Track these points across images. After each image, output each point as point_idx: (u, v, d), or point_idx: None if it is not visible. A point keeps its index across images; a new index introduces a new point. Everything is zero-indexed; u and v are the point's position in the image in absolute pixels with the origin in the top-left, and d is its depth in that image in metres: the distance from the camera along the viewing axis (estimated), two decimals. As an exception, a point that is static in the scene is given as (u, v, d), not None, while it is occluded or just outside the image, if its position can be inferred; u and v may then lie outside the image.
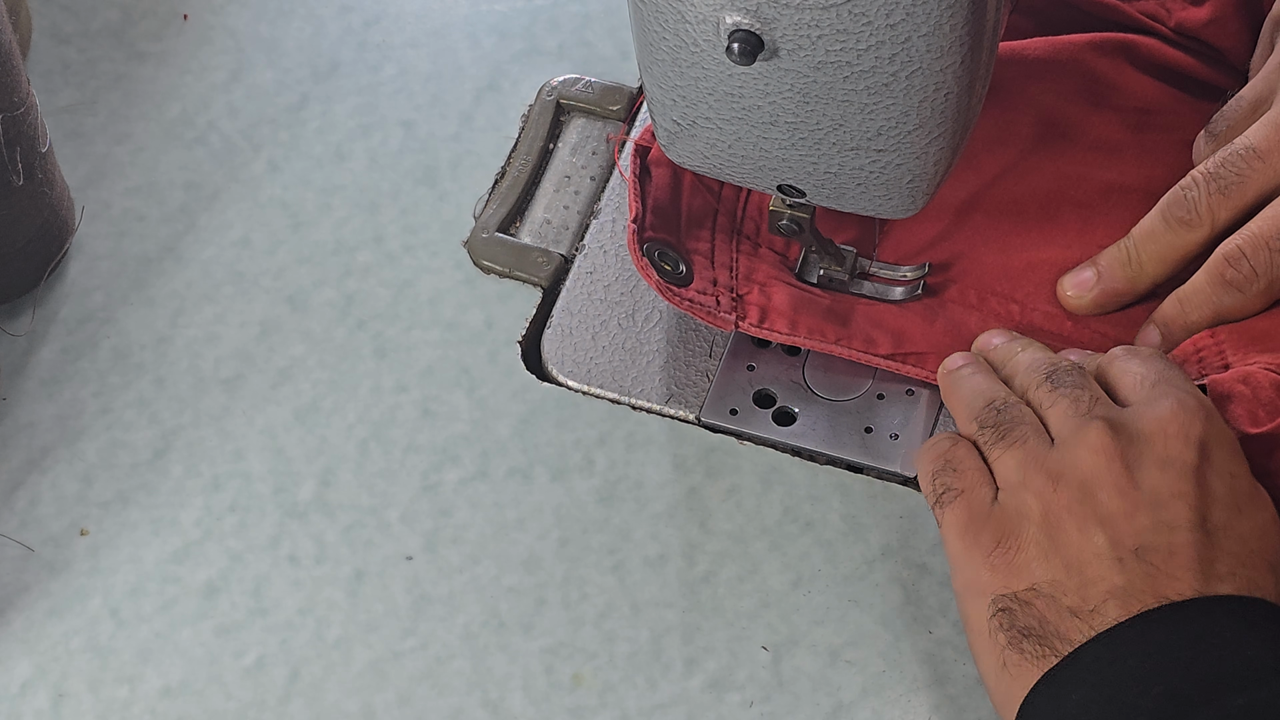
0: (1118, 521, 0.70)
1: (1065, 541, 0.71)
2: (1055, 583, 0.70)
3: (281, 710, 0.77)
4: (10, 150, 0.81)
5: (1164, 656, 0.68)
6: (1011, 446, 0.74)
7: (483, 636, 0.79)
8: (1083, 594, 0.70)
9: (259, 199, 0.92)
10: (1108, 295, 0.84)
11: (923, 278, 0.86)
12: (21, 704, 0.77)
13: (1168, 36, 0.90)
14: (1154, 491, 0.71)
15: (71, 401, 0.85)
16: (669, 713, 0.77)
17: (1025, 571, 0.71)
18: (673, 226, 0.86)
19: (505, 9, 0.99)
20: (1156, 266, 0.83)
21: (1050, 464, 0.73)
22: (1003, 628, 0.71)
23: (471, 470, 0.83)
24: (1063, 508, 0.71)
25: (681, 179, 0.87)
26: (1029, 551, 0.71)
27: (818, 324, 0.84)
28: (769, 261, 0.87)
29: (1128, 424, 0.73)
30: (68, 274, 0.89)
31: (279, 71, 0.96)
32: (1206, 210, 0.81)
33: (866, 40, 0.69)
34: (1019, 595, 0.71)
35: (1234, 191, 0.80)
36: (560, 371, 0.86)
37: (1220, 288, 0.80)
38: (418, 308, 0.88)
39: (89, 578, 0.80)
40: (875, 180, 0.76)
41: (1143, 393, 0.74)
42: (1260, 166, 0.80)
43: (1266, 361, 0.79)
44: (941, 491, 0.75)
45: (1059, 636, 0.69)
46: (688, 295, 0.84)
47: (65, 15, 0.98)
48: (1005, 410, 0.76)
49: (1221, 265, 0.80)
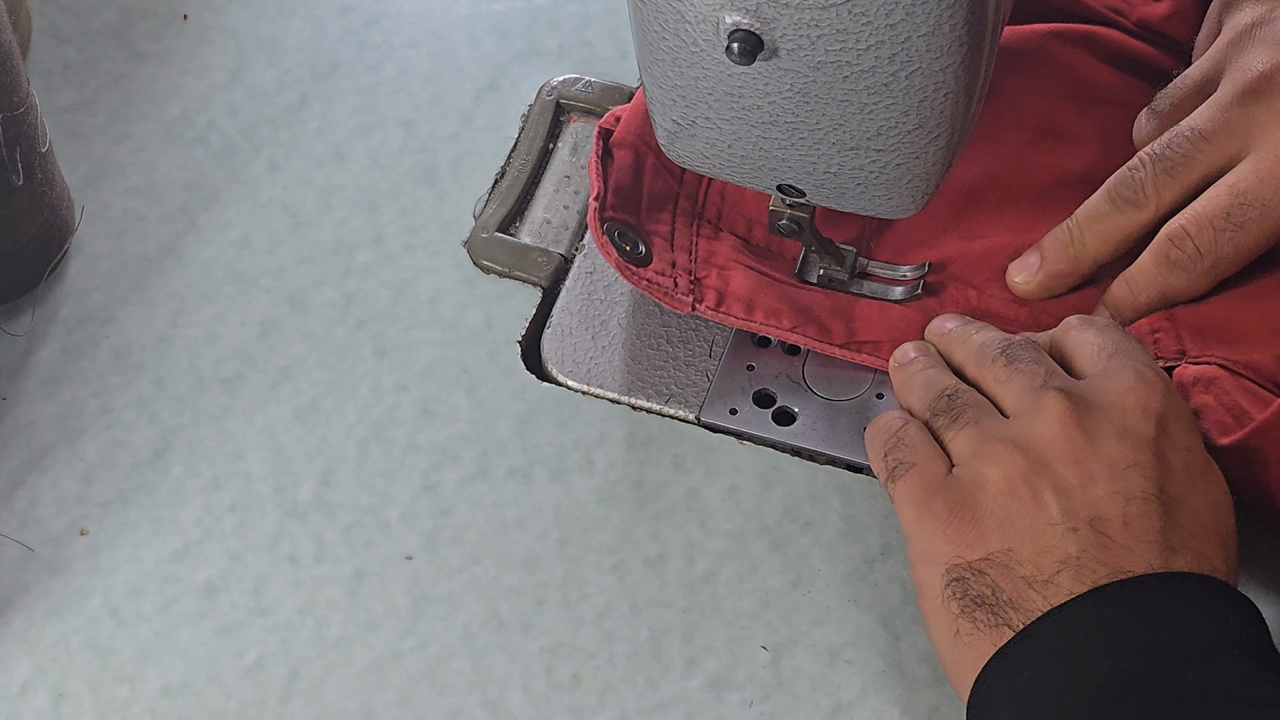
0: (1073, 491, 0.71)
1: (1020, 510, 0.71)
2: (1010, 552, 0.70)
3: (281, 710, 0.77)
4: (10, 150, 0.81)
5: (1115, 633, 0.68)
6: (965, 427, 0.74)
7: (482, 636, 0.79)
8: (1037, 563, 0.70)
9: (259, 199, 0.92)
10: (1053, 277, 0.84)
11: (922, 277, 0.86)
12: (21, 704, 0.77)
13: (1130, 30, 0.91)
14: (1111, 461, 0.71)
15: (71, 401, 0.85)
16: (669, 712, 0.77)
17: (980, 541, 0.71)
18: (634, 208, 0.87)
19: (505, 9, 0.99)
20: (1100, 246, 0.83)
21: (1006, 434, 0.73)
22: (955, 596, 0.71)
23: (471, 470, 0.83)
24: (1018, 476, 0.71)
25: (644, 162, 0.87)
26: (984, 521, 0.71)
27: (774, 309, 0.84)
28: (729, 245, 0.87)
29: (1086, 395, 0.73)
30: (68, 274, 0.89)
31: (279, 71, 0.96)
32: (1152, 190, 0.81)
33: (866, 40, 0.69)
34: (973, 564, 0.71)
35: (1179, 172, 0.81)
36: (560, 371, 0.86)
37: (1165, 268, 0.81)
38: (418, 308, 0.88)
39: (89, 578, 0.80)
40: (875, 180, 0.76)
41: (1100, 364, 0.74)
42: (1205, 148, 0.81)
43: (1224, 357, 0.79)
44: (894, 466, 0.75)
45: (1012, 606, 0.70)
46: (646, 275, 0.84)
47: (65, 15, 0.98)
48: (958, 396, 0.76)
49: (1166, 245, 0.81)
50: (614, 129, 0.88)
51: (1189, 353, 0.80)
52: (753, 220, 0.88)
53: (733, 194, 0.89)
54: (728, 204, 0.88)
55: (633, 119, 0.88)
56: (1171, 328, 0.81)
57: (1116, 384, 0.73)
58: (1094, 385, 0.73)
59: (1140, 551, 0.69)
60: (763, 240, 0.88)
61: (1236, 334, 0.80)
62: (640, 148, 0.87)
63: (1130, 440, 0.71)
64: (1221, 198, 0.80)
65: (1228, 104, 0.81)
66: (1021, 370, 0.75)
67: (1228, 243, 0.80)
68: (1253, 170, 0.80)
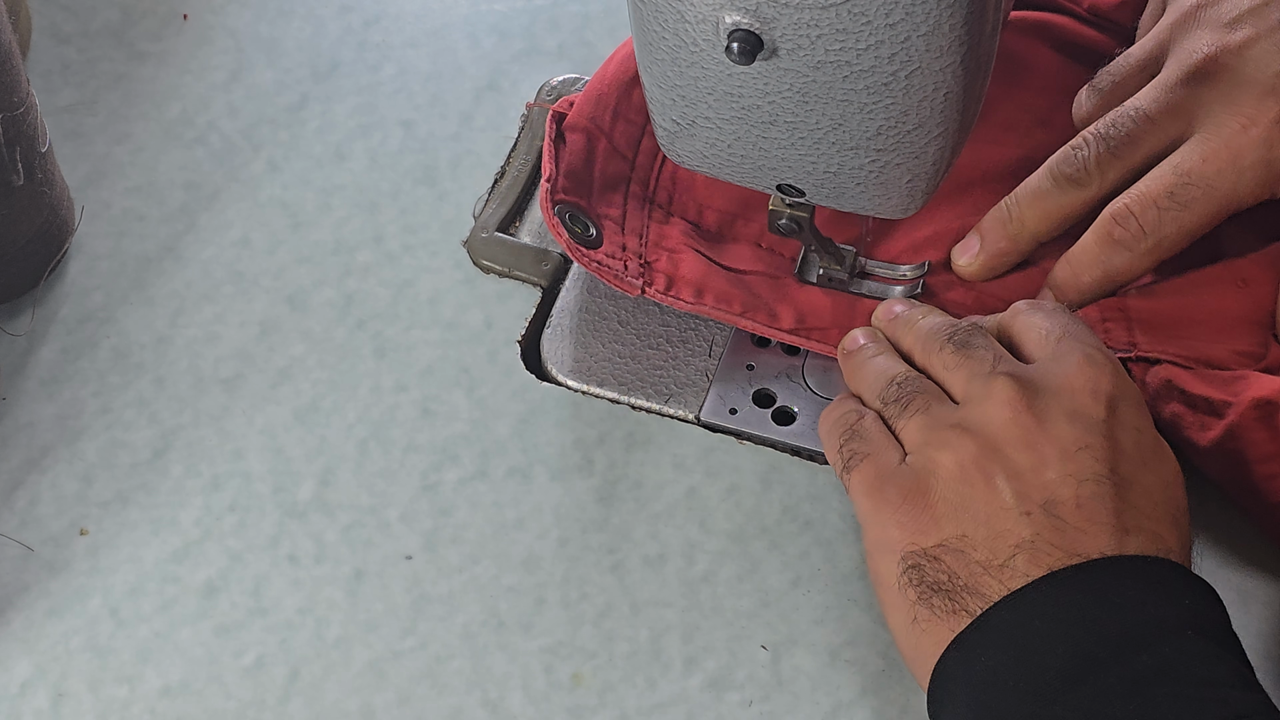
0: (1025, 475, 0.71)
1: (973, 496, 0.71)
2: (964, 538, 0.71)
3: (281, 710, 0.77)
4: (10, 150, 0.81)
5: (1071, 617, 0.68)
6: (916, 414, 0.74)
7: (482, 636, 0.79)
8: (991, 548, 0.70)
9: (259, 199, 0.92)
10: (993, 257, 0.84)
11: (922, 277, 0.86)
12: (21, 704, 0.77)
13: (1083, 17, 0.91)
14: (1062, 444, 0.71)
15: (71, 401, 0.85)
16: (668, 712, 0.77)
17: (934, 528, 0.71)
18: (585, 191, 0.87)
19: (505, 9, 0.99)
20: (1040, 224, 0.83)
21: (956, 420, 0.73)
22: (912, 584, 0.71)
23: (471, 470, 0.83)
24: (970, 461, 0.72)
25: (596, 145, 0.88)
26: (937, 508, 0.72)
27: (724, 293, 0.85)
28: (680, 229, 0.87)
29: (1034, 379, 0.73)
30: (68, 274, 0.89)
31: (279, 71, 0.96)
32: (1095, 169, 0.82)
33: (866, 40, 0.69)
34: (928, 551, 0.71)
35: (1123, 151, 0.82)
36: (560, 371, 0.86)
37: (1109, 246, 0.81)
38: (417, 307, 0.88)
39: (89, 577, 0.80)
40: (875, 180, 0.76)
41: (1048, 348, 0.75)
42: (1150, 128, 0.81)
43: (1175, 353, 0.79)
44: (849, 457, 0.75)
45: (969, 591, 0.70)
46: (596, 257, 0.85)
47: (65, 15, 0.98)
48: (907, 384, 0.76)
49: (1109, 224, 0.81)
50: (567, 112, 0.89)
51: (1139, 345, 0.80)
52: (703, 205, 0.89)
53: (684, 179, 0.89)
54: (679, 189, 0.89)
55: (585, 103, 0.88)
56: (1123, 318, 0.81)
57: (1065, 367, 0.73)
58: (1043, 369, 0.74)
59: (1094, 533, 0.69)
60: (714, 225, 0.88)
61: (1188, 329, 0.81)
62: (593, 131, 0.88)
63: (1080, 422, 0.71)
64: (1166, 177, 0.81)
65: (1173, 85, 0.81)
66: (969, 356, 0.75)
67: (1171, 222, 0.80)
68: (1197, 151, 0.81)
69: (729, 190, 0.88)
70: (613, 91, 0.89)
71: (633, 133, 0.89)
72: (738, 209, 0.88)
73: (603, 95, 0.89)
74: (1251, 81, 0.80)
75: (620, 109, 0.89)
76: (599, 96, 0.88)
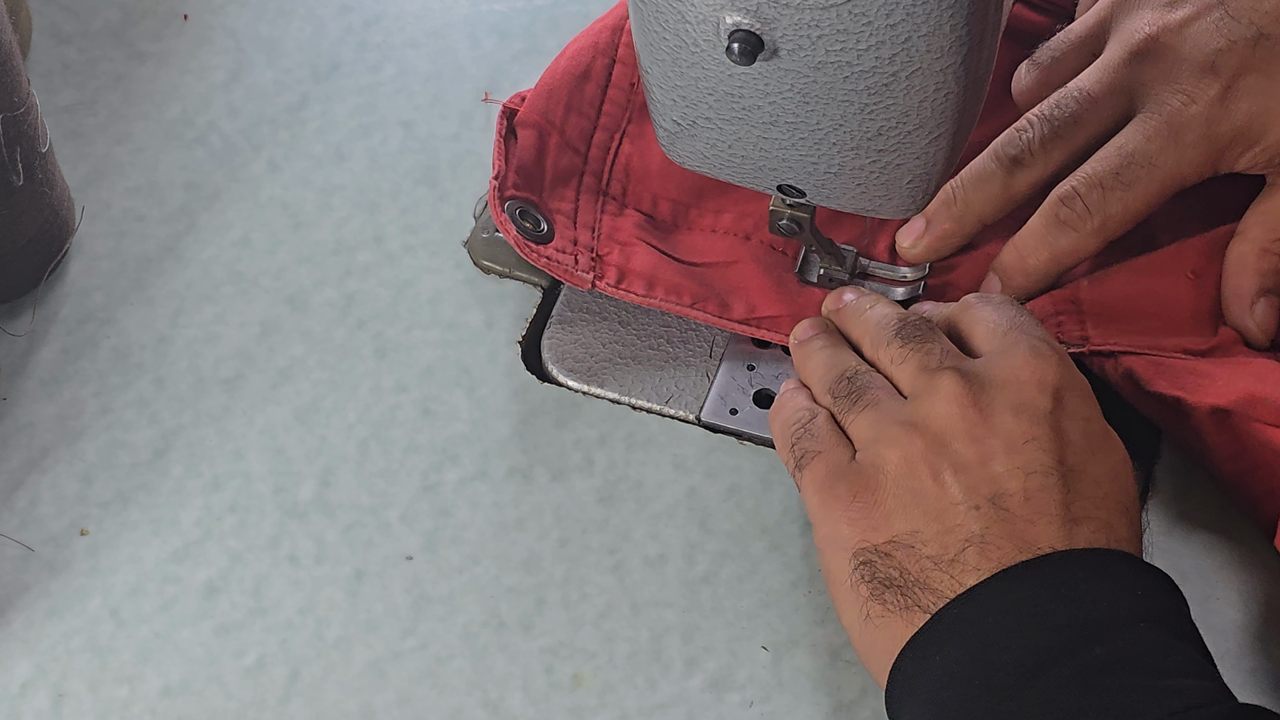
0: (972, 468, 0.71)
1: (921, 491, 0.71)
2: (914, 533, 0.71)
3: (281, 710, 0.77)
4: (10, 150, 0.81)
5: (1023, 612, 0.68)
6: (865, 410, 0.75)
7: (483, 636, 0.79)
8: (942, 543, 0.70)
9: (259, 199, 0.92)
10: (937, 238, 0.85)
11: (923, 278, 0.86)
12: (21, 704, 0.77)
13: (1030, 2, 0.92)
14: (1008, 437, 0.71)
15: (71, 401, 0.85)
16: (669, 713, 0.77)
17: (884, 524, 0.72)
18: (536, 186, 0.87)
19: (505, 9, 0.99)
20: (985, 205, 0.84)
21: (904, 416, 0.73)
22: (864, 580, 0.71)
23: (471, 470, 0.83)
24: (918, 457, 0.72)
25: (547, 141, 0.88)
26: (887, 504, 0.72)
27: (675, 285, 0.85)
28: (633, 222, 0.87)
29: (980, 373, 0.73)
30: (68, 274, 0.89)
31: (279, 71, 0.96)
32: (1040, 150, 0.82)
33: (866, 40, 0.69)
34: (879, 548, 0.71)
35: (1067, 132, 0.82)
36: (560, 371, 0.86)
37: (1055, 227, 0.82)
38: (418, 308, 0.88)
39: (89, 578, 0.80)
40: (875, 180, 0.76)
41: (995, 341, 0.75)
42: (1093, 108, 0.82)
43: (1128, 344, 0.80)
44: (800, 456, 0.76)
45: (921, 586, 0.70)
46: (546, 253, 0.85)
47: (65, 15, 0.98)
48: (856, 378, 0.76)
49: (1055, 205, 0.82)
50: (518, 108, 0.89)
51: (1092, 339, 0.81)
52: (657, 195, 0.89)
53: (637, 170, 0.89)
54: (633, 180, 0.89)
55: (537, 99, 0.89)
56: (1075, 311, 0.82)
57: (1011, 359, 0.73)
58: (989, 362, 0.74)
59: (1043, 524, 0.70)
60: (668, 215, 0.89)
61: (1139, 321, 0.82)
62: (544, 126, 0.88)
63: (1026, 415, 0.72)
64: (1110, 158, 0.81)
65: (1115, 65, 0.82)
66: (916, 350, 0.75)
67: (1116, 201, 0.81)
68: (1139, 130, 0.81)
69: (683, 180, 0.88)
70: (564, 85, 0.89)
71: (585, 126, 0.89)
72: (691, 199, 0.89)
73: (555, 89, 0.89)
74: (1191, 59, 0.81)
75: (572, 102, 0.89)
76: (550, 91, 0.89)
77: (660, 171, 0.89)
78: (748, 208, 0.88)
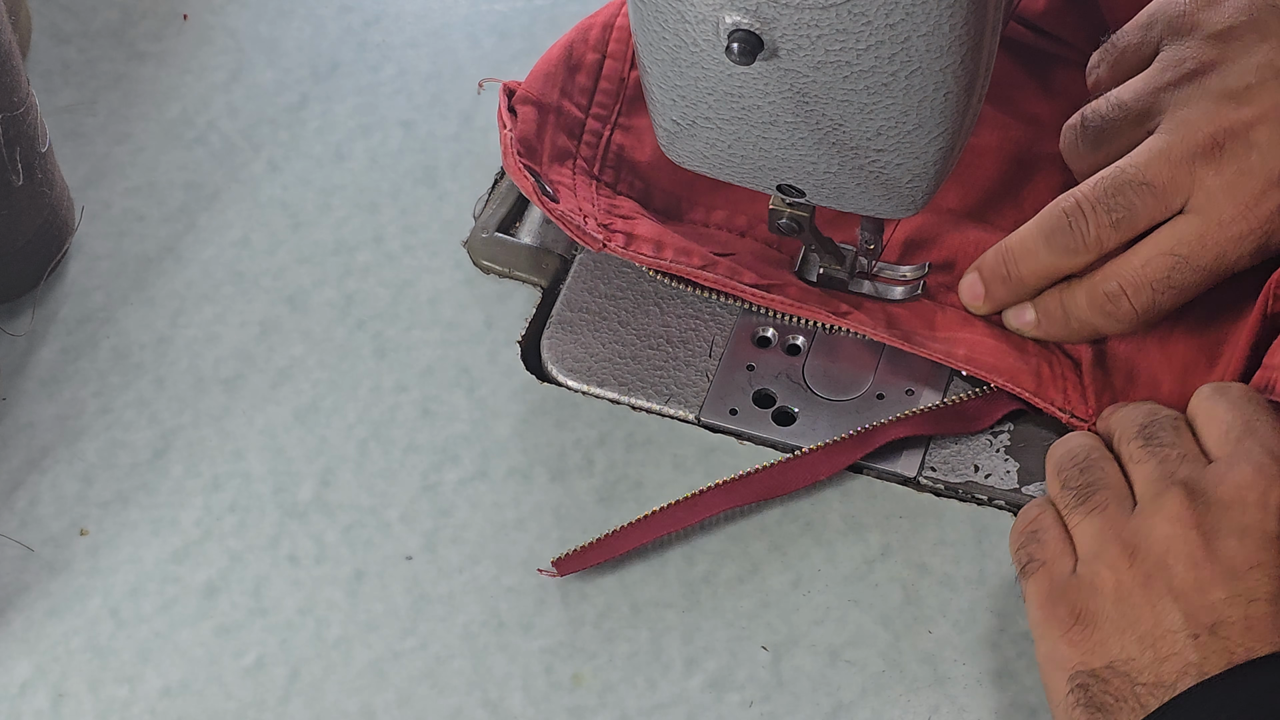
0: (1191, 595, 0.70)
1: (1138, 617, 0.70)
2: (1130, 660, 0.70)
3: (281, 710, 0.77)
4: (10, 150, 0.81)
5: (1256, 711, 0.67)
6: (1090, 514, 0.74)
7: (483, 636, 0.79)
8: (1157, 671, 0.69)
9: (259, 199, 0.92)
10: (999, 304, 0.84)
11: (923, 278, 0.86)
12: (21, 704, 0.77)
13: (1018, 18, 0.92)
14: (1230, 563, 0.70)
15: (71, 401, 0.85)
16: (669, 713, 0.77)
17: (1102, 648, 0.71)
18: (537, 158, 0.87)
19: (505, 9, 0.99)
20: (1037, 280, 0.83)
21: (1127, 535, 0.72)
22: (1080, 704, 0.70)
23: (471, 470, 0.83)
24: (1136, 583, 0.71)
25: (546, 119, 0.88)
26: (1104, 628, 0.71)
27: (683, 248, 0.85)
28: (630, 204, 0.87)
29: (1207, 490, 0.72)
30: (68, 274, 0.89)
31: (279, 71, 0.96)
32: (1095, 241, 0.81)
33: (866, 40, 0.69)
34: (1096, 672, 0.71)
35: (1124, 225, 0.80)
36: (560, 371, 0.86)
37: (1099, 315, 0.81)
38: (418, 308, 0.88)
39: (89, 578, 0.80)
40: (875, 180, 0.76)
41: (1226, 448, 0.73)
42: (1152, 202, 0.80)
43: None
44: (1025, 562, 0.75)
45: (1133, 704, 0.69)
46: (558, 210, 0.84)
47: (65, 15, 0.98)
48: (1089, 470, 0.75)
49: (1102, 299, 0.81)
50: (517, 87, 0.89)
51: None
52: (650, 185, 0.89)
53: (630, 158, 0.89)
54: (625, 168, 0.89)
55: (535, 81, 0.89)
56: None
57: (1238, 476, 0.72)
58: (1217, 477, 0.72)
59: (1263, 651, 0.68)
60: (660, 206, 0.88)
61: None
62: (543, 104, 0.88)
63: (1251, 538, 0.70)
64: (1162, 259, 0.80)
65: (1177, 160, 0.80)
66: (1154, 454, 0.74)
67: (1165, 301, 0.81)
68: (1194, 233, 0.80)
69: (676, 173, 0.88)
70: (559, 73, 0.89)
71: (577, 115, 0.89)
72: (683, 191, 0.89)
73: (550, 75, 0.89)
74: (1256, 172, 0.79)
75: (566, 89, 0.89)
76: (547, 75, 0.89)
77: (652, 160, 0.89)
78: (741, 205, 0.88)
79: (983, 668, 0.77)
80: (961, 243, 0.87)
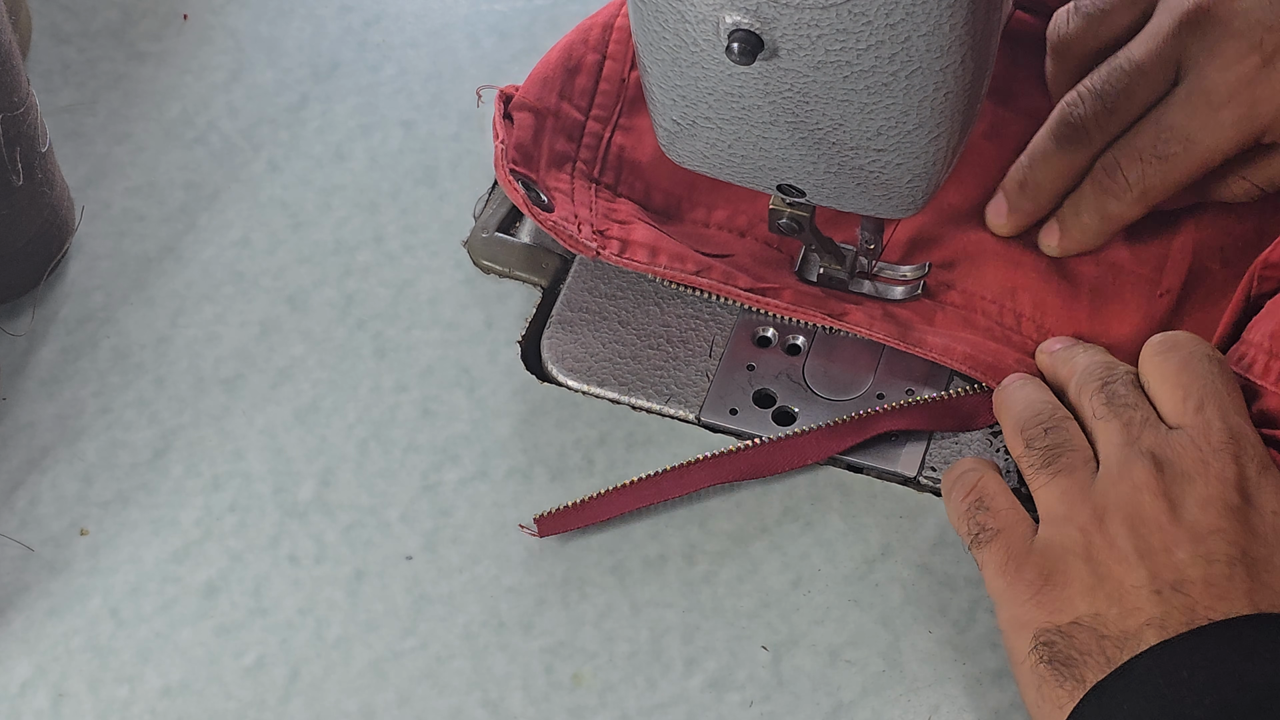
0: (1157, 555, 0.71)
1: (1107, 575, 0.71)
2: (1097, 615, 0.71)
3: (281, 710, 0.77)
4: (10, 150, 0.81)
5: (1217, 669, 0.68)
6: (1057, 475, 0.75)
7: (483, 636, 0.79)
8: (1122, 624, 0.70)
9: (259, 199, 0.92)
10: (1022, 217, 0.86)
11: (923, 278, 0.86)
12: (21, 704, 0.77)
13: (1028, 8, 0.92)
14: (1194, 527, 0.71)
15: (71, 401, 0.85)
16: (669, 713, 0.77)
17: (1069, 605, 0.72)
18: (533, 165, 0.87)
19: (505, 9, 0.99)
20: (1055, 182, 0.85)
21: (1096, 498, 0.73)
22: (1043, 660, 0.71)
23: (471, 470, 0.83)
24: (1105, 544, 0.72)
25: (544, 124, 0.88)
26: (1073, 586, 0.72)
27: (678, 254, 0.85)
28: (629, 208, 0.87)
29: (1173, 460, 0.73)
30: (68, 274, 0.89)
31: (279, 71, 0.96)
32: (1095, 126, 0.83)
33: (866, 40, 0.69)
34: (1062, 629, 0.71)
35: (1120, 107, 0.83)
36: (560, 371, 0.86)
37: (1101, 195, 0.84)
38: (418, 308, 0.88)
39: (89, 578, 0.80)
40: (875, 180, 0.76)
41: (1189, 416, 0.74)
42: (1142, 80, 0.82)
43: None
44: (976, 532, 0.75)
45: (1099, 660, 0.70)
46: (551, 219, 0.84)
47: (65, 15, 0.98)
48: (1054, 432, 0.76)
49: (1101, 175, 0.84)
50: (514, 93, 0.89)
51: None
52: (651, 185, 0.89)
53: (630, 158, 0.89)
54: (626, 168, 0.89)
55: (532, 86, 0.89)
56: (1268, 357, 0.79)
57: (1200, 447, 0.73)
58: (1181, 444, 0.73)
59: (1224, 610, 0.69)
60: (661, 205, 0.88)
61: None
62: (540, 109, 0.88)
63: (1213, 507, 0.71)
64: (1148, 132, 0.82)
65: (1164, 34, 0.82)
66: (1118, 414, 0.75)
67: (1154, 174, 0.82)
68: (1178, 105, 0.82)
69: (676, 173, 0.88)
70: (557, 76, 0.89)
71: (577, 117, 0.89)
72: (684, 191, 0.89)
73: (549, 79, 0.89)
74: (1238, 35, 0.81)
75: (565, 92, 0.89)
76: (544, 79, 0.89)
77: (652, 161, 0.89)
78: (742, 205, 0.88)
79: (983, 668, 0.77)
80: (963, 242, 0.87)
